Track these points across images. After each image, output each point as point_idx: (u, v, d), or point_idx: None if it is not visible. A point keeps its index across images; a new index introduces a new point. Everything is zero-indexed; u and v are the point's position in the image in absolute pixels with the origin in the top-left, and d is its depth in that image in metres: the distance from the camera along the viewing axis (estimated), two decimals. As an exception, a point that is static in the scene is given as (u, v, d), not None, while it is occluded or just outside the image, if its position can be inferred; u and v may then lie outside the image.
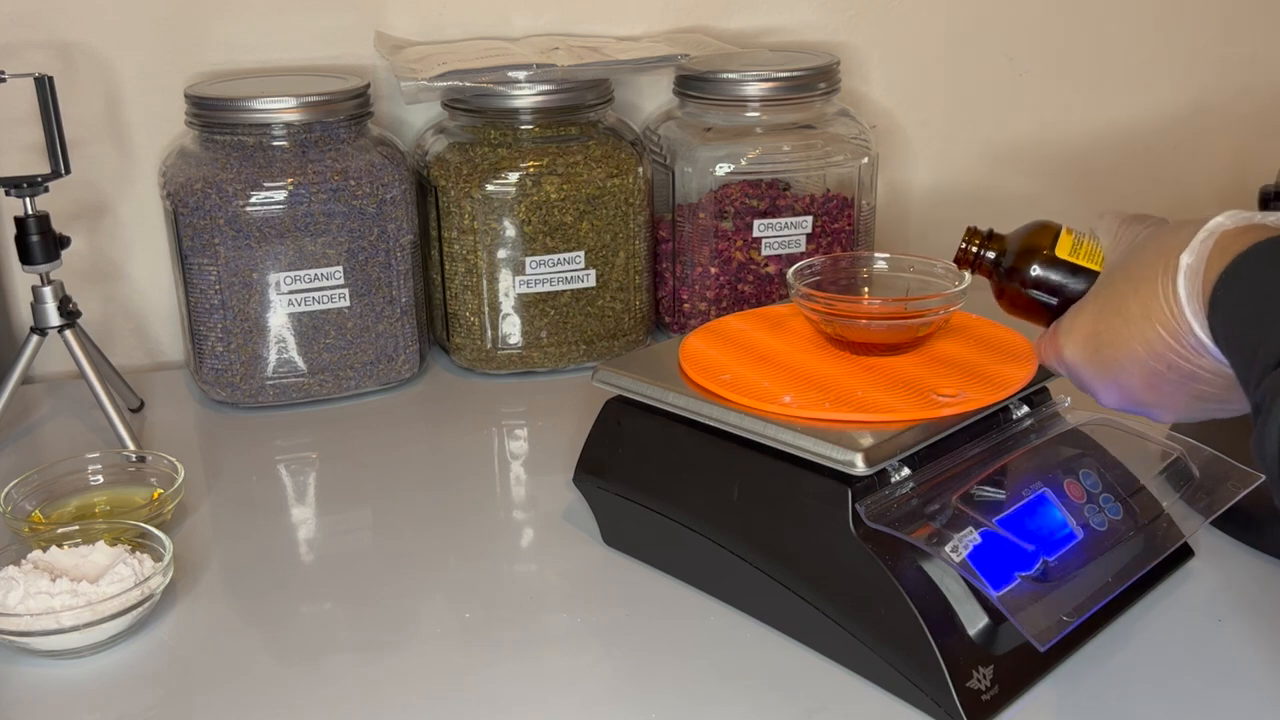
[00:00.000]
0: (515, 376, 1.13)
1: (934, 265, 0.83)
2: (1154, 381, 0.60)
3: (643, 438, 0.80)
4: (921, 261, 0.84)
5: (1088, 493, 0.73)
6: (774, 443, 0.71)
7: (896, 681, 0.67)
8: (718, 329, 0.85)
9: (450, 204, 1.07)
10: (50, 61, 1.09)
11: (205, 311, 1.04)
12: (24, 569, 0.77)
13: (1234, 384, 0.58)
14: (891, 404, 0.72)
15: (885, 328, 0.78)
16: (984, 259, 0.71)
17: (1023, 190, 1.39)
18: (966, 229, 0.72)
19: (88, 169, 1.12)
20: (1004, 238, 0.72)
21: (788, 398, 0.73)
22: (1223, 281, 0.55)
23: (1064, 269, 0.68)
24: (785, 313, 0.87)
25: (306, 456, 1.00)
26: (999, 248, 0.71)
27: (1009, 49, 1.34)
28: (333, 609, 0.79)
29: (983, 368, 0.77)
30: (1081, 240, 0.68)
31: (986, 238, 0.72)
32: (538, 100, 1.07)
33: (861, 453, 0.67)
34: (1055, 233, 0.69)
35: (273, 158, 1.02)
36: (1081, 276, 0.67)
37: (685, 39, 1.21)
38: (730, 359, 0.79)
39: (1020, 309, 0.71)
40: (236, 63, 1.14)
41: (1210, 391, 0.60)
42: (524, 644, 0.74)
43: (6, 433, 1.03)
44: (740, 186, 1.14)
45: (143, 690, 0.71)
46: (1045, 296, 0.68)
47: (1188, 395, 0.60)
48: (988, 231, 0.72)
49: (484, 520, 0.89)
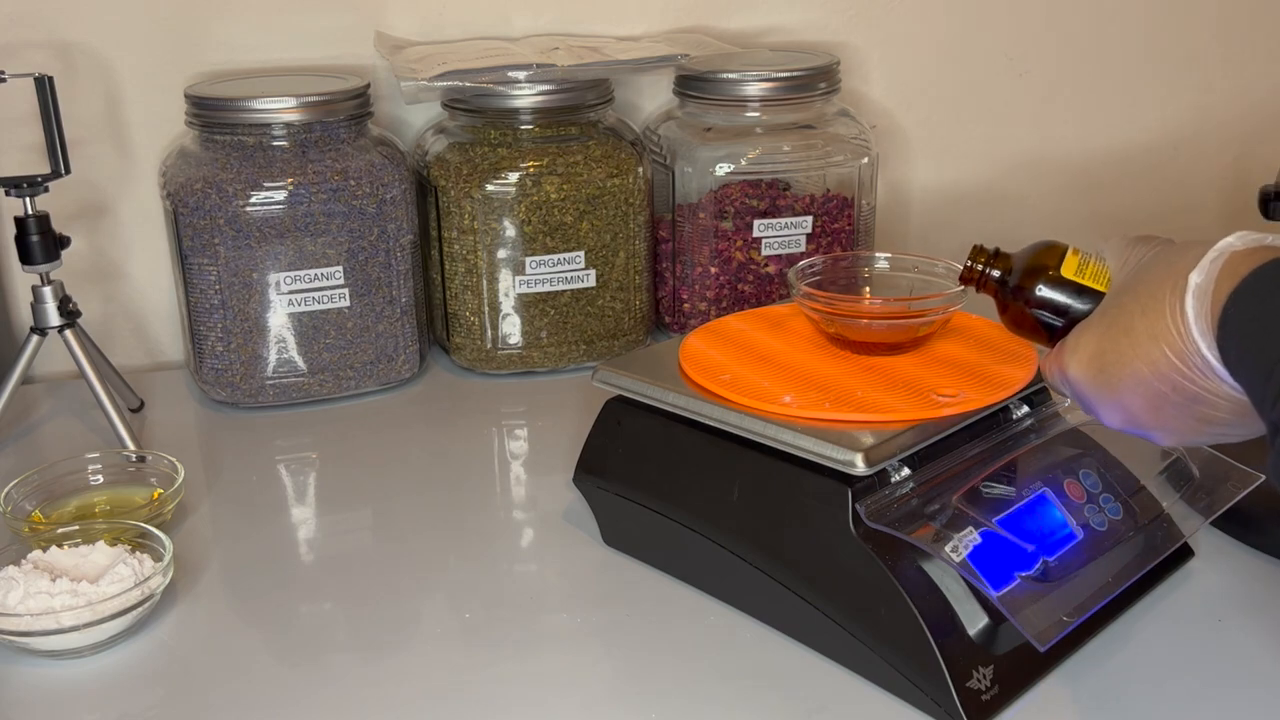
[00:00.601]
0: (515, 376, 1.13)
1: (935, 265, 0.83)
2: (1158, 403, 0.60)
3: (643, 438, 0.80)
4: (923, 261, 0.84)
5: (1088, 493, 0.73)
6: (774, 443, 0.71)
7: (896, 681, 0.67)
8: (718, 329, 0.85)
9: (450, 204, 1.07)
10: (50, 61, 1.09)
11: (205, 311, 1.04)
12: (24, 569, 0.77)
13: (1240, 408, 0.57)
14: (891, 404, 0.72)
15: (886, 327, 0.78)
16: (989, 277, 0.71)
17: (1022, 190, 1.39)
18: (972, 248, 0.72)
19: (88, 169, 1.12)
20: (1010, 256, 0.71)
21: (788, 398, 0.73)
22: (1233, 300, 0.54)
23: (1070, 289, 0.67)
24: (785, 313, 0.87)
25: (306, 456, 1.00)
26: (1004, 266, 0.71)
27: (1009, 49, 1.34)
28: (333, 609, 0.79)
29: (983, 368, 0.77)
30: (1088, 261, 0.67)
31: (992, 256, 0.71)
32: (538, 100, 1.07)
33: (862, 453, 0.67)
34: (1061, 253, 0.68)
35: (273, 158, 1.02)
36: (1087, 297, 0.67)
37: (685, 39, 1.21)
38: (730, 359, 0.79)
39: (1025, 329, 0.70)
40: (236, 63, 1.14)
41: (1215, 415, 0.59)
42: (524, 644, 0.74)
43: (6, 433, 1.03)
44: (740, 186, 1.14)
45: (143, 690, 0.71)
46: (1050, 317, 0.68)
47: (1192, 418, 0.60)
48: (994, 250, 0.71)
49: (484, 520, 0.89)
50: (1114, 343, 0.61)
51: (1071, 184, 1.40)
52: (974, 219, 1.39)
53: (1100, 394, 0.63)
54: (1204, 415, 0.59)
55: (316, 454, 1.00)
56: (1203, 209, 1.44)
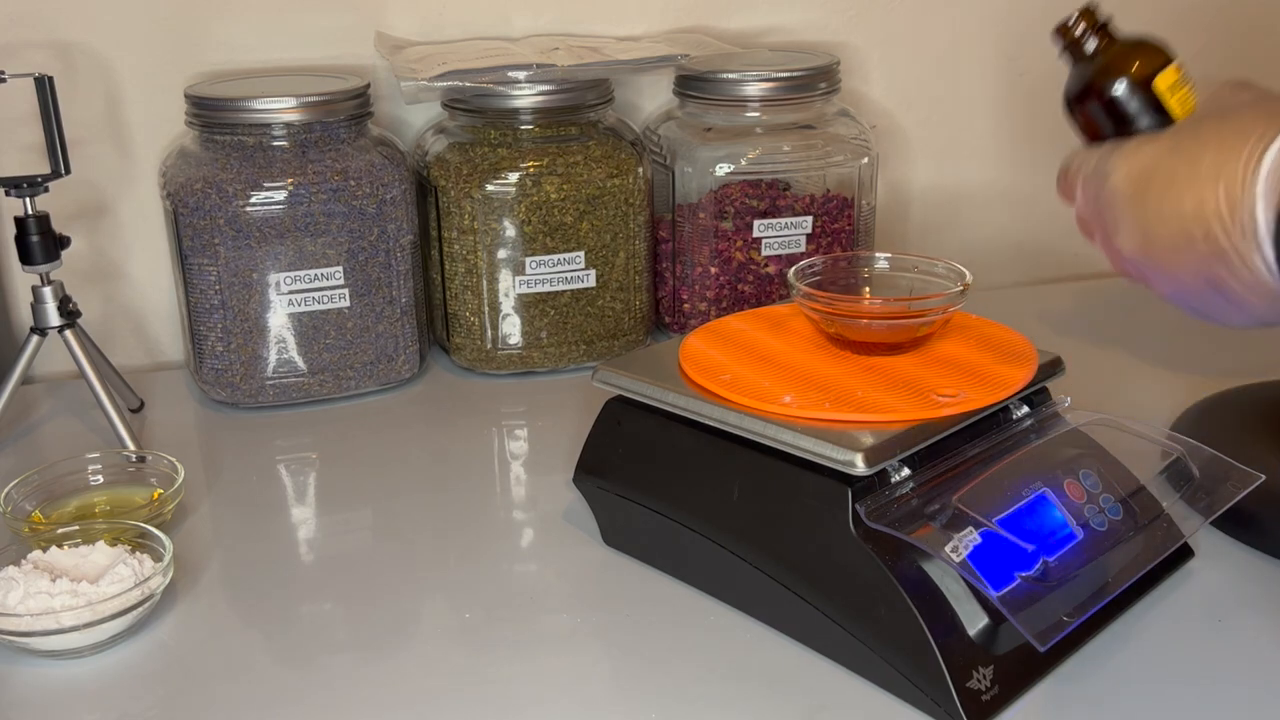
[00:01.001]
0: (515, 376, 1.13)
1: (935, 265, 0.83)
2: (1181, 244, 0.56)
3: (642, 438, 0.80)
4: (923, 261, 0.84)
5: (1088, 492, 0.73)
6: (774, 443, 0.71)
7: (896, 681, 0.67)
8: (718, 329, 0.85)
9: (450, 204, 1.07)
10: (50, 61, 1.09)
11: (205, 311, 1.04)
12: (24, 569, 0.77)
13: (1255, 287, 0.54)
14: (892, 404, 0.72)
15: (886, 327, 0.78)
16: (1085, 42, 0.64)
17: (1023, 191, 1.39)
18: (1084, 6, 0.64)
19: (88, 169, 1.12)
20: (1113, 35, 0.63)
21: (788, 398, 0.73)
22: None
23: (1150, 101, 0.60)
24: (786, 313, 0.87)
25: (306, 456, 1.00)
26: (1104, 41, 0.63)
27: (1009, 49, 1.34)
28: (333, 609, 0.79)
29: (983, 368, 0.77)
30: (1185, 84, 0.61)
31: (1099, 27, 0.64)
32: (538, 100, 1.07)
33: (862, 453, 0.67)
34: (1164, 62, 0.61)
35: (273, 158, 1.02)
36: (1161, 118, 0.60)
37: (685, 39, 1.21)
38: (730, 359, 0.79)
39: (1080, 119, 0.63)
40: (236, 63, 1.14)
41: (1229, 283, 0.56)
42: (524, 644, 0.74)
43: (6, 433, 1.03)
44: (740, 186, 1.14)
45: (143, 690, 0.71)
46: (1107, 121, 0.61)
47: (1204, 275, 0.56)
48: (1104, 20, 0.64)
49: (484, 520, 0.89)
50: (1170, 165, 0.57)
51: (1071, 184, 1.40)
52: (974, 219, 1.39)
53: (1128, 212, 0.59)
54: (1217, 278, 0.56)
55: (316, 454, 1.00)
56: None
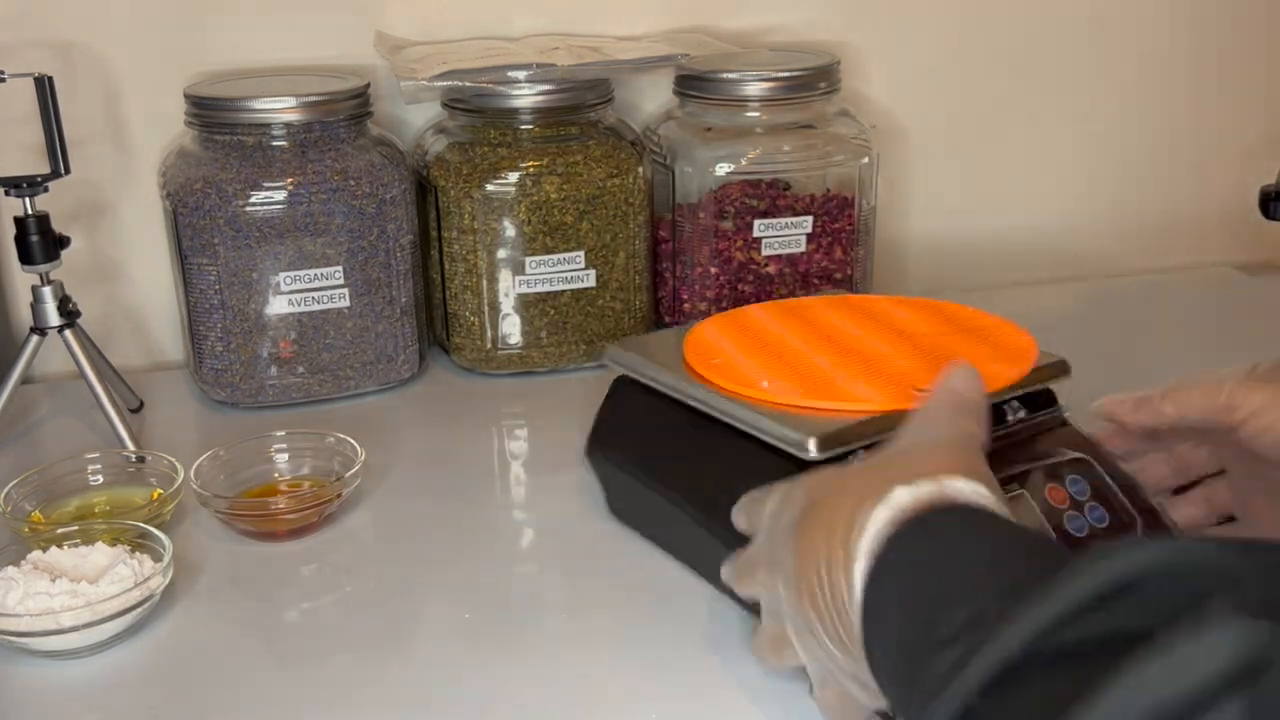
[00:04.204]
0: (515, 376, 1.13)
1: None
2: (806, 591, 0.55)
3: (638, 414, 0.82)
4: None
5: (1072, 498, 0.71)
6: (738, 423, 0.72)
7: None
8: (736, 317, 0.86)
9: (450, 204, 1.07)
10: (50, 61, 1.09)
11: (205, 311, 1.04)
12: (23, 569, 0.77)
13: None
14: (866, 394, 0.72)
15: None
16: None
17: (1023, 191, 1.39)
18: None
19: (88, 169, 1.11)
20: None
21: (765, 383, 0.74)
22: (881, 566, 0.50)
23: None
24: (811, 305, 0.88)
25: (306, 456, 1.00)
26: None
27: (1009, 49, 1.34)
28: (332, 609, 0.79)
29: (981, 367, 0.76)
30: None
31: None
32: (538, 100, 1.07)
33: (816, 437, 0.67)
34: None
35: (272, 158, 1.02)
36: None
37: (685, 39, 1.21)
38: (734, 345, 0.80)
39: None
40: (236, 63, 1.14)
41: None
42: (524, 644, 0.74)
43: (6, 433, 1.03)
44: (740, 186, 1.14)
45: (143, 690, 0.71)
46: None
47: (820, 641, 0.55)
48: None
49: (484, 520, 0.89)
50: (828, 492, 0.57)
51: (1072, 185, 1.40)
52: (974, 219, 1.39)
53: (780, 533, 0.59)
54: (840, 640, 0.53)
55: (316, 454, 1.00)
56: (1204, 209, 1.44)
